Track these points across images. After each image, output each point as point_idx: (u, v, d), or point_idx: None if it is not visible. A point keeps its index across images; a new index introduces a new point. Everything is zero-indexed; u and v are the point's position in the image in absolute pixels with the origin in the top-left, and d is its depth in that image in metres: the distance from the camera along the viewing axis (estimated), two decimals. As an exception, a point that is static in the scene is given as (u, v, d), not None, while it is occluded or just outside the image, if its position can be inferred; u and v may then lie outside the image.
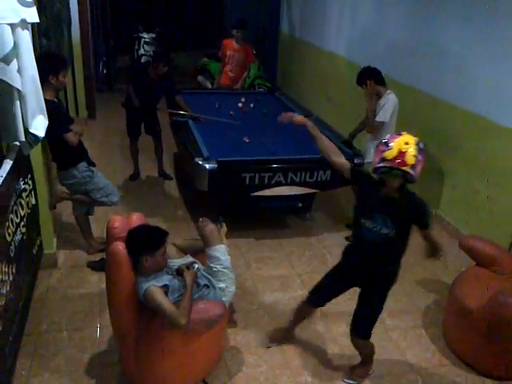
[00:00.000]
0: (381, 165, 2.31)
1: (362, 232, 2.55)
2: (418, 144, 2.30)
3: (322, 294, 2.92)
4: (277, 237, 4.54)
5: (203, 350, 2.74)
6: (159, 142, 5.56)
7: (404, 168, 2.25)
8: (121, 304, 2.60)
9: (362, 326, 2.76)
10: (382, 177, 2.40)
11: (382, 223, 2.47)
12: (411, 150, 2.25)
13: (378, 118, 4.12)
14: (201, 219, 2.96)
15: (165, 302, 2.42)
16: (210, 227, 2.86)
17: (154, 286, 2.46)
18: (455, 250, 3.94)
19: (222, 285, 2.77)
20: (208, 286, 2.71)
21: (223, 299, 2.75)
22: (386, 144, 2.31)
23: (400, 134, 2.35)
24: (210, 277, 2.77)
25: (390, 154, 2.26)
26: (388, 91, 4.15)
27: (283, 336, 3.22)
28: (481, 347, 2.98)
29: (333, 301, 2.95)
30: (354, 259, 2.74)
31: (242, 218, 4.57)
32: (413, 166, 2.26)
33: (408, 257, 4.30)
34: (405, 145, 2.26)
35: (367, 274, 2.69)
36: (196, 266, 2.72)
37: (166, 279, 2.56)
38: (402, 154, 2.24)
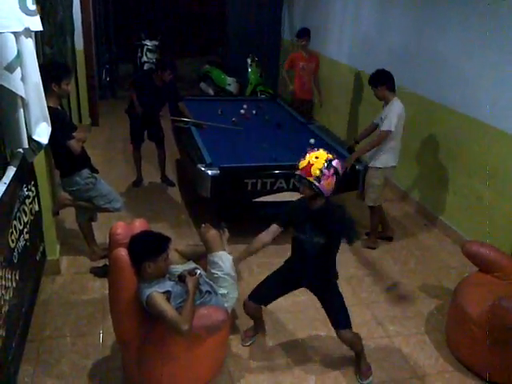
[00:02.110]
0: (295, 172, 2.62)
1: (301, 245, 2.83)
2: (328, 160, 2.54)
3: (264, 294, 3.08)
4: (279, 242, 4.50)
5: (206, 356, 2.74)
6: (162, 149, 5.58)
7: (308, 178, 2.52)
8: (123, 310, 2.61)
9: (336, 319, 2.90)
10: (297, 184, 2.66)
11: (310, 232, 2.72)
12: (318, 164, 2.50)
13: (383, 128, 4.11)
14: (203, 225, 2.98)
15: (167, 308, 2.43)
16: (212, 233, 2.89)
17: (156, 292, 2.46)
18: (458, 255, 3.94)
19: (223, 291, 2.77)
20: (210, 292, 2.71)
21: (225, 305, 2.75)
22: (304, 155, 2.59)
23: (316, 150, 2.59)
24: (211, 283, 2.77)
25: (302, 164, 2.56)
26: (394, 98, 4.13)
27: (254, 332, 3.31)
28: (484, 353, 2.96)
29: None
30: (296, 264, 2.98)
31: (244, 223, 4.56)
32: (317, 178, 2.51)
33: (410, 263, 4.35)
34: (314, 158, 2.53)
35: (308, 278, 2.94)
36: (198, 271, 2.72)
37: (168, 285, 2.57)
38: (309, 165, 2.52)
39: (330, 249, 2.78)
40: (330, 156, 2.58)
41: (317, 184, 2.52)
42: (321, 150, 2.60)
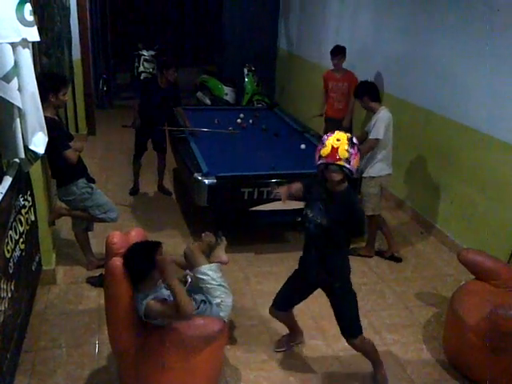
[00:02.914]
0: (319, 162, 2.49)
1: (306, 224, 2.69)
2: (349, 139, 2.45)
3: (284, 298, 3.04)
4: (276, 251, 4.54)
5: (202, 366, 2.72)
6: (163, 159, 5.62)
7: (338, 162, 2.42)
8: (119, 320, 2.59)
9: (342, 326, 2.83)
10: (323, 174, 2.56)
11: (318, 211, 2.61)
12: (343, 145, 2.41)
13: (371, 136, 4.16)
14: (203, 234, 3.03)
15: (165, 306, 2.44)
16: (190, 248, 2.90)
17: (152, 300, 2.46)
18: (454, 263, 3.95)
19: (217, 300, 2.77)
20: (205, 302, 2.71)
21: (221, 314, 2.74)
22: (322, 143, 2.49)
23: (332, 133, 2.50)
24: (205, 295, 2.77)
25: (325, 151, 2.44)
26: (381, 108, 4.18)
27: (288, 340, 3.29)
28: (481, 361, 2.96)
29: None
30: (305, 258, 2.88)
31: (241, 232, 4.58)
32: (347, 160, 2.42)
33: (407, 271, 4.35)
34: (336, 141, 2.42)
35: (316, 270, 2.80)
36: (189, 279, 2.74)
37: (165, 294, 2.56)
38: (334, 149, 2.41)
39: (332, 236, 2.62)
40: (348, 134, 2.49)
41: (348, 166, 2.43)
42: (337, 132, 2.49)
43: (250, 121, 5.83)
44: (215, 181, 4.02)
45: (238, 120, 5.78)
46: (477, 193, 4.37)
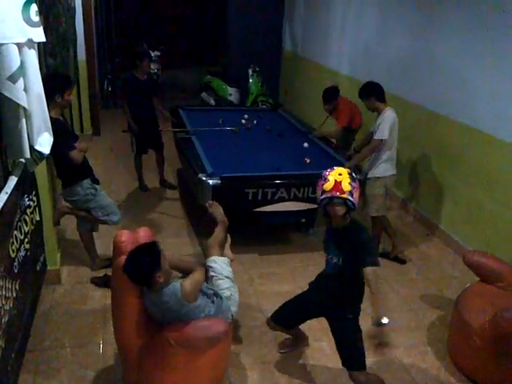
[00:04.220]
0: (322, 197, 2.52)
1: (325, 264, 2.75)
2: (350, 174, 2.52)
3: (288, 317, 3.03)
4: (280, 252, 4.54)
5: (206, 367, 2.72)
6: (160, 154, 5.73)
7: (343, 196, 2.45)
8: (125, 318, 2.60)
9: (344, 357, 2.75)
10: (326, 208, 2.56)
11: (333, 252, 2.66)
12: (345, 179, 2.47)
13: (376, 136, 4.15)
14: (207, 203, 3.24)
15: (196, 276, 2.56)
16: (206, 242, 3.01)
17: (182, 281, 2.50)
18: (459, 265, 3.93)
19: (227, 293, 2.78)
20: (216, 296, 2.71)
21: (232, 309, 2.76)
22: (324, 178, 2.53)
23: (333, 169, 2.55)
24: (214, 288, 2.78)
25: (329, 185, 2.48)
26: (386, 108, 4.17)
27: (292, 343, 3.28)
28: (486, 364, 2.94)
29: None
30: (319, 290, 2.87)
31: (245, 233, 4.57)
32: (350, 193, 2.46)
33: (411, 273, 4.34)
34: (339, 175, 2.49)
35: (327, 304, 2.78)
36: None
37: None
38: (338, 183, 2.46)
39: (348, 273, 2.62)
40: (347, 169, 2.57)
41: (351, 199, 2.47)
42: (335, 168, 2.57)
43: (255, 121, 5.82)
44: (219, 181, 4.02)
45: (243, 121, 5.78)
46: (482, 194, 4.35)
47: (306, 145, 5.03)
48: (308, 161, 4.55)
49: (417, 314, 3.75)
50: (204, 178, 4.05)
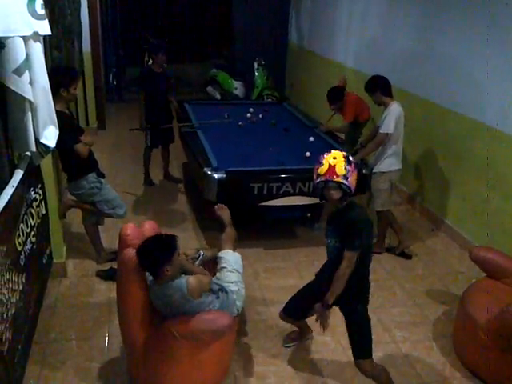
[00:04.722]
0: (317, 181, 2.52)
1: (326, 250, 2.73)
2: (345, 157, 2.50)
3: (298, 308, 3.03)
4: (285, 247, 4.53)
5: (210, 361, 2.73)
6: (167, 150, 5.72)
7: (337, 179, 2.44)
8: (131, 311, 2.61)
9: (353, 348, 2.74)
10: (322, 192, 2.55)
11: (331, 235, 2.64)
12: (340, 163, 2.45)
13: (381, 130, 4.13)
14: (216, 206, 3.25)
15: (204, 279, 2.61)
16: (225, 233, 3.09)
17: (190, 278, 2.52)
18: (465, 260, 3.91)
19: (234, 287, 2.80)
20: (222, 291, 2.72)
21: (237, 303, 2.78)
22: (319, 162, 2.51)
23: (329, 153, 2.53)
24: (220, 282, 2.80)
25: (323, 169, 2.47)
26: (392, 102, 4.14)
27: (297, 337, 3.29)
28: (492, 360, 2.93)
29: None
30: (322, 277, 2.86)
31: (250, 228, 4.57)
32: (344, 177, 2.45)
33: (417, 268, 4.33)
34: (333, 159, 2.47)
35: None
36: (202, 253, 2.87)
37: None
38: (332, 167, 2.45)
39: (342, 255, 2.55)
40: (344, 152, 2.54)
41: (345, 182, 2.45)
42: (332, 151, 2.54)
43: (260, 115, 5.80)
44: (225, 175, 4.02)
45: (248, 114, 5.76)
46: (489, 189, 4.32)
47: (311, 139, 5.01)
48: (308, 154, 4.54)
49: (422, 309, 3.75)
50: (209, 172, 4.05)
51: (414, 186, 5.49)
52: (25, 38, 2.48)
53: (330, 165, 2.45)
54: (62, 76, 3.42)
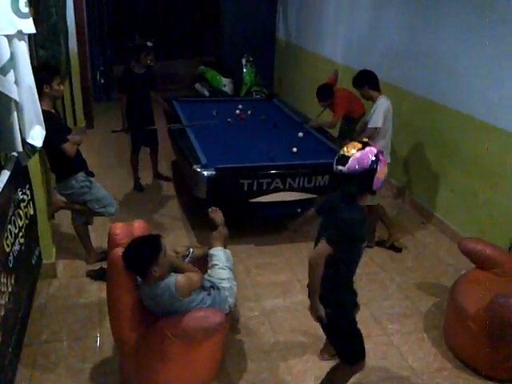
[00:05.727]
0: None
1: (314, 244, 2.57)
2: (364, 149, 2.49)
3: None
4: (276, 242, 4.54)
5: (203, 358, 2.73)
6: (155, 152, 5.66)
7: (347, 154, 2.48)
8: (121, 310, 2.60)
9: (339, 352, 2.65)
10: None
11: (322, 232, 2.46)
12: (357, 147, 2.52)
13: (369, 125, 4.14)
14: (209, 209, 3.26)
15: (194, 277, 2.59)
16: (216, 232, 3.12)
17: (177, 276, 2.51)
18: (455, 252, 3.95)
19: (226, 284, 2.80)
20: (213, 288, 2.72)
21: (229, 300, 2.78)
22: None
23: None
24: (211, 279, 2.80)
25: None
26: (380, 96, 4.16)
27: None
28: (482, 350, 2.97)
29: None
30: None
31: (241, 224, 4.57)
32: (352, 158, 2.44)
33: (407, 261, 4.35)
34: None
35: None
36: (191, 250, 2.88)
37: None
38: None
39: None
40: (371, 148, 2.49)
41: (350, 161, 2.45)
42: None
43: (249, 112, 5.80)
44: (214, 172, 4.01)
45: (237, 111, 5.75)
46: (477, 181, 4.36)
47: (300, 134, 5.01)
48: (295, 150, 4.54)
49: (413, 301, 3.77)
50: (199, 170, 4.04)
51: (402, 180, 5.52)
52: (9, 37, 2.45)
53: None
54: (42, 72, 3.34)
